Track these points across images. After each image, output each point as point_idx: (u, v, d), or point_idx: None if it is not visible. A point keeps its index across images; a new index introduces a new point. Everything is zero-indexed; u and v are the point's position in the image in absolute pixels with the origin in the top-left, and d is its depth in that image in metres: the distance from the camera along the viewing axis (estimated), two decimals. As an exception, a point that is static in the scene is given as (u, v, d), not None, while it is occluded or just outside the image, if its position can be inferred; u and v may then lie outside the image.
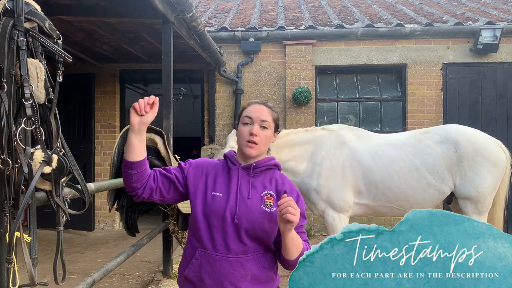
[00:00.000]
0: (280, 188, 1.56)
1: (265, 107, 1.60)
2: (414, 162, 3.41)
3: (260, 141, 1.54)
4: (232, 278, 1.45)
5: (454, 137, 3.43)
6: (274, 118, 1.61)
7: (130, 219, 3.03)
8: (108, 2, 3.64)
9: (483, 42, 5.89)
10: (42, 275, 4.02)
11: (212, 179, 1.56)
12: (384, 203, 3.46)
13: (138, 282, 3.91)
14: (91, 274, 2.11)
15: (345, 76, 6.53)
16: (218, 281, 1.46)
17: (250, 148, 1.53)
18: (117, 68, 6.44)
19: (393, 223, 6.12)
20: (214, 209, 1.49)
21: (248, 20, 7.09)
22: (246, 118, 1.57)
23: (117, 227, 6.32)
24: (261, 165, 1.58)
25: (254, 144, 1.53)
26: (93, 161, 6.28)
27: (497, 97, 6.13)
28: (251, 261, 1.49)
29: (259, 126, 1.55)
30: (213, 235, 1.49)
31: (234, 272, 1.46)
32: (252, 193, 1.52)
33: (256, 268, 1.49)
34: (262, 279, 1.51)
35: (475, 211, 3.39)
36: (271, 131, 1.59)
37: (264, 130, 1.56)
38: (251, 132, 1.53)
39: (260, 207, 1.50)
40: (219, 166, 1.62)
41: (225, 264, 1.46)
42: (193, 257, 1.51)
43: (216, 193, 1.52)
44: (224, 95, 6.41)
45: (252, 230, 1.48)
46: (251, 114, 1.57)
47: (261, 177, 1.58)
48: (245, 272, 1.47)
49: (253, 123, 1.55)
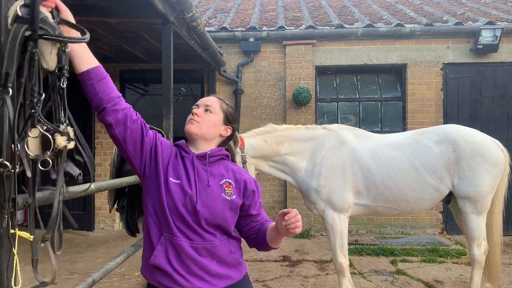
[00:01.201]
0: (238, 177, 1.57)
1: (215, 97, 1.67)
2: (412, 162, 3.41)
3: (201, 121, 1.58)
4: (201, 264, 1.47)
5: (452, 137, 3.43)
6: (223, 107, 1.64)
7: (131, 219, 3.04)
8: (108, 2, 3.64)
9: (483, 42, 5.90)
10: (42, 275, 4.03)
11: (171, 165, 1.53)
12: (383, 203, 3.47)
13: (138, 282, 3.91)
14: (91, 274, 2.11)
15: (345, 76, 6.54)
16: (187, 268, 1.46)
17: (190, 124, 1.58)
18: (117, 68, 6.45)
19: (394, 223, 6.14)
20: (174, 196, 1.47)
21: (248, 20, 7.09)
22: (194, 106, 1.65)
23: (117, 227, 6.32)
24: (215, 154, 1.59)
25: (194, 121, 1.58)
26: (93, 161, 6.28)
27: (497, 97, 6.13)
28: (218, 247, 1.50)
29: (204, 110, 1.61)
30: (177, 224, 1.47)
31: (202, 258, 1.47)
32: (211, 181, 1.52)
33: (222, 253, 1.51)
34: (229, 263, 1.53)
35: (474, 210, 3.39)
36: (217, 117, 1.61)
37: (208, 113, 1.60)
38: (193, 112, 1.61)
39: (220, 195, 1.51)
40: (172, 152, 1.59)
41: (191, 250, 1.46)
42: (158, 242, 1.48)
43: (174, 180, 1.49)
44: (224, 95, 6.41)
45: (213, 219, 1.48)
46: (198, 102, 1.66)
47: (216, 166, 1.58)
48: (211, 257, 1.49)
49: (198, 107, 1.63)
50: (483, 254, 3.42)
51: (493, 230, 3.54)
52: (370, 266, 4.69)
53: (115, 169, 2.83)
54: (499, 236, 3.57)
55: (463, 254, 5.04)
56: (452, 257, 5.01)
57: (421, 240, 5.78)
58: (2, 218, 1.31)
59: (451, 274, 4.43)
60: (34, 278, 1.30)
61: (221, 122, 1.63)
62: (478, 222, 3.41)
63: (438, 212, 6.12)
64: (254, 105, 6.36)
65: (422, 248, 5.34)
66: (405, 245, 5.45)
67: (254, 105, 6.36)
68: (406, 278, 4.29)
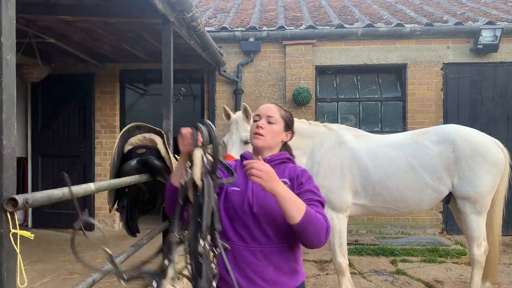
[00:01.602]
0: (292, 175, 1.63)
1: (274, 105, 1.77)
2: (411, 162, 3.41)
3: (266, 134, 1.68)
4: (256, 268, 1.51)
5: (451, 137, 3.43)
6: (283, 115, 1.74)
7: (131, 219, 3.03)
8: (109, 2, 3.64)
9: (483, 42, 5.89)
10: (42, 275, 4.03)
11: None
12: (382, 203, 3.46)
13: (138, 282, 3.91)
14: (91, 274, 2.10)
15: (345, 76, 6.54)
16: (242, 271, 1.51)
17: (256, 139, 1.68)
18: (117, 68, 6.44)
19: (394, 223, 6.13)
20: (233, 203, 1.58)
21: (248, 20, 7.09)
22: (256, 116, 1.76)
23: (117, 227, 6.32)
24: (275, 159, 1.68)
25: (260, 136, 1.68)
26: (93, 161, 6.28)
27: (497, 97, 6.13)
28: (275, 253, 1.54)
29: (266, 121, 1.71)
30: (236, 228, 1.56)
31: (258, 262, 1.52)
32: None
33: (279, 259, 1.54)
34: (285, 270, 1.55)
35: (473, 211, 3.39)
36: (278, 126, 1.72)
37: (271, 125, 1.70)
38: (257, 125, 1.70)
39: None
40: (238, 164, 1.73)
41: (248, 254, 1.52)
42: None
43: (234, 188, 1.60)
44: (224, 95, 6.41)
45: (271, 217, 1.53)
46: (259, 111, 1.77)
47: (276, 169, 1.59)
48: (268, 262, 1.52)
49: (261, 118, 1.73)
50: (483, 254, 3.42)
51: (493, 231, 3.54)
52: (370, 266, 4.69)
53: (115, 169, 2.83)
54: (498, 235, 3.57)
55: (463, 254, 5.04)
56: (452, 257, 5.01)
57: (421, 240, 5.78)
58: (2, 218, 1.31)
59: (451, 274, 4.43)
60: (34, 278, 1.30)
61: (282, 130, 1.74)
62: (478, 222, 3.40)
63: (438, 212, 6.12)
64: (254, 105, 6.35)
65: (422, 248, 5.34)
66: (405, 245, 5.45)
67: (254, 105, 6.35)
68: (406, 278, 4.29)
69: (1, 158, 1.36)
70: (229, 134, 3.15)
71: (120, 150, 2.87)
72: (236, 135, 3.11)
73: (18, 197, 1.33)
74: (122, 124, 6.45)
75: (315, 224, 1.41)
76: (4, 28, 1.38)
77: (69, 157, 6.25)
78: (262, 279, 1.52)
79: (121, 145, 2.87)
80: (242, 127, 3.11)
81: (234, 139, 3.10)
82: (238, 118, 3.18)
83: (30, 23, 4.23)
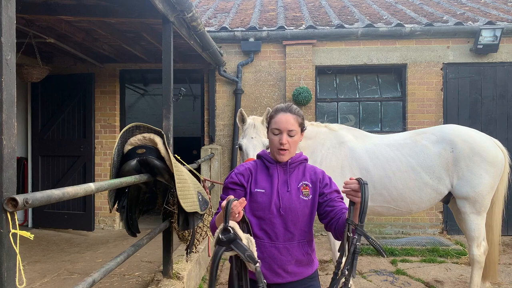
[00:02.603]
0: (314, 177, 1.83)
1: (291, 115, 1.81)
2: (410, 162, 3.42)
3: (289, 147, 1.79)
4: (280, 262, 1.73)
5: (450, 137, 3.43)
6: (300, 122, 1.83)
7: (131, 219, 3.03)
8: (109, 2, 3.64)
9: (483, 42, 5.90)
10: (42, 275, 4.03)
11: (253, 179, 1.82)
12: (381, 203, 3.47)
13: (138, 282, 3.91)
14: (91, 274, 2.11)
15: (345, 76, 6.54)
16: (267, 264, 1.72)
17: (282, 156, 1.79)
18: (117, 68, 6.44)
19: (394, 223, 6.13)
20: (259, 204, 1.75)
21: (248, 20, 7.09)
22: (275, 130, 1.81)
23: (117, 227, 6.32)
24: (295, 161, 1.84)
25: (285, 151, 1.78)
26: (93, 161, 6.28)
27: (497, 97, 6.13)
28: (296, 248, 1.75)
29: (288, 135, 1.79)
30: (263, 226, 1.74)
31: (282, 257, 1.73)
32: (290, 187, 1.78)
33: (300, 253, 1.76)
34: (304, 262, 1.77)
35: (473, 211, 3.39)
36: (298, 136, 1.83)
37: (292, 137, 1.80)
38: (281, 142, 1.77)
39: (299, 197, 1.76)
40: (258, 165, 1.87)
41: (274, 250, 1.73)
42: None
43: (259, 190, 1.77)
44: (224, 95, 6.41)
45: (296, 218, 1.74)
46: (278, 126, 1.80)
47: (295, 171, 1.84)
48: (291, 256, 1.74)
49: (282, 133, 1.79)
50: (483, 254, 3.42)
51: (493, 230, 3.54)
52: (370, 266, 4.69)
53: (115, 169, 2.83)
54: (498, 235, 3.57)
55: (463, 254, 5.04)
56: (452, 257, 5.01)
57: (421, 240, 5.78)
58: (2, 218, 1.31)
59: (451, 274, 4.44)
60: (34, 278, 1.30)
61: (300, 135, 1.86)
62: (477, 222, 3.41)
63: (438, 212, 6.12)
64: (254, 105, 6.36)
65: (422, 248, 5.34)
66: (405, 245, 5.45)
67: (254, 105, 6.36)
68: (406, 278, 4.29)
69: (1, 158, 1.36)
70: (247, 138, 3.08)
71: (120, 150, 2.86)
72: (257, 140, 3.04)
73: (18, 197, 1.33)
74: (122, 124, 6.45)
75: None
76: (4, 28, 1.38)
77: (69, 157, 6.25)
78: (285, 271, 1.73)
79: (121, 145, 2.87)
80: (262, 132, 3.06)
81: (255, 143, 3.04)
82: (255, 122, 3.12)
83: (30, 23, 4.23)
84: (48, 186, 6.13)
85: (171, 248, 3.48)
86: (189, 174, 3.08)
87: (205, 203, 3.11)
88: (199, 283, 4.14)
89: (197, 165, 4.59)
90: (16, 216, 1.38)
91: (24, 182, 6.37)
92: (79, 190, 1.77)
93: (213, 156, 5.91)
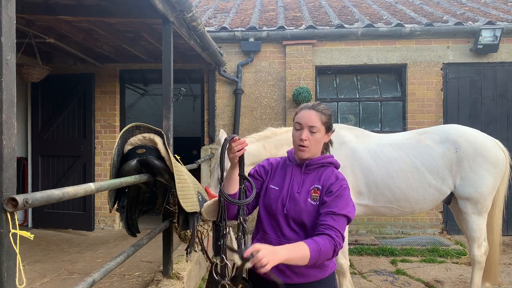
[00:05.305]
0: (326, 182, 1.71)
1: (314, 112, 1.74)
2: (414, 163, 3.41)
3: (310, 145, 1.72)
4: None
5: (453, 137, 3.43)
6: (324, 121, 1.74)
7: (131, 219, 3.03)
8: (108, 2, 3.64)
9: (483, 42, 5.89)
10: (42, 275, 4.03)
11: (272, 175, 1.82)
12: (384, 203, 3.46)
13: (138, 282, 3.91)
14: (91, 274, 2.10)
15: (345, 76, 6.54)
16: None
17: (301, 152, 1.73)
18: (117, 68, 6.44)
19: (394, 223, 6.13)
20: (270, 200, 1.75)
21: (248, 20, 7.09)
22: (297, 124, 1.76)
23: (117, 227, 6.32)
24: (314, 163, 1.76)
25: (304, 148, 1.72)
26: (93, 161, 6.28)
27: (497, 97, 6.13)
28: None
29: (309, 131, 1.72)
30: (270, 222, 1.74)
31: None
32: (301, 188, 1.72)
33: None
34: (314, 264, 1.60)
35: (474, 211, 3.39)
36: (320, 134, 1.74)
37: (314, 134, 1.72)
38: (301, 137, 1.72)
39: (307, 200, 1.69)
40: (280, 162, 1.86)
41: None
42: (255, 238, 1.78)
43: (273, 186, 1.77)
44: (224, 95, 6.41)
45: (298, 219, 1.68)
46: (300, 120, 1.75)
47: (314, 173, 1.76)
48: None
49: (303, 128, 1.73)
50: (484, 255, 3.42)
51: (493, 231, 3.54)
52: (370, 266, 4.69)
53: (115, 169, 2.83)
54: (498, 236, 3.57)
55: (463, 254, 5.04)
56: (452, 257, 5.01)
57: (421, 240, 5.78)
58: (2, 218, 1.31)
59: (451, 274, 4.44)
60: (34, 278, 1.30)
61: (324, 134, 1.77)
62: (478, 223, 3.40)
63: (438, 212, 6.12)
64: (254, 105, 6.36)
65: (422, 248, 5.34)
66: (405, 245, 5.45)
67: (254, 105, 6.36)
68: (406, 278, 4.29)
69: (1, 158, 1.36)
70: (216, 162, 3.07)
71: (120, 150, 2.86)
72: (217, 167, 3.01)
73: (18, 197, 1.33)
74: (122, 124, 6.45)
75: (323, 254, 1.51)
76: (4, 28, 1.38)
77: (69, 157, 6.25)
78: (292, 271, 1.66)
79: (121, 145, 2.87)
80: None
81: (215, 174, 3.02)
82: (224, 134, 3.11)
83: (30, 23, 4.23)
84: (48, 186, 6.12)
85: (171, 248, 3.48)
86: (189, 174, 3.08)
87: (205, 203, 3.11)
88: (199, 283, 4.14)
89: (197, 165, 4.59)
90: (16, 216, 1.37)
91: (24, 182, 6.37)
92: (79, 190, 1.77)
93: (213, 156, 5.91)
